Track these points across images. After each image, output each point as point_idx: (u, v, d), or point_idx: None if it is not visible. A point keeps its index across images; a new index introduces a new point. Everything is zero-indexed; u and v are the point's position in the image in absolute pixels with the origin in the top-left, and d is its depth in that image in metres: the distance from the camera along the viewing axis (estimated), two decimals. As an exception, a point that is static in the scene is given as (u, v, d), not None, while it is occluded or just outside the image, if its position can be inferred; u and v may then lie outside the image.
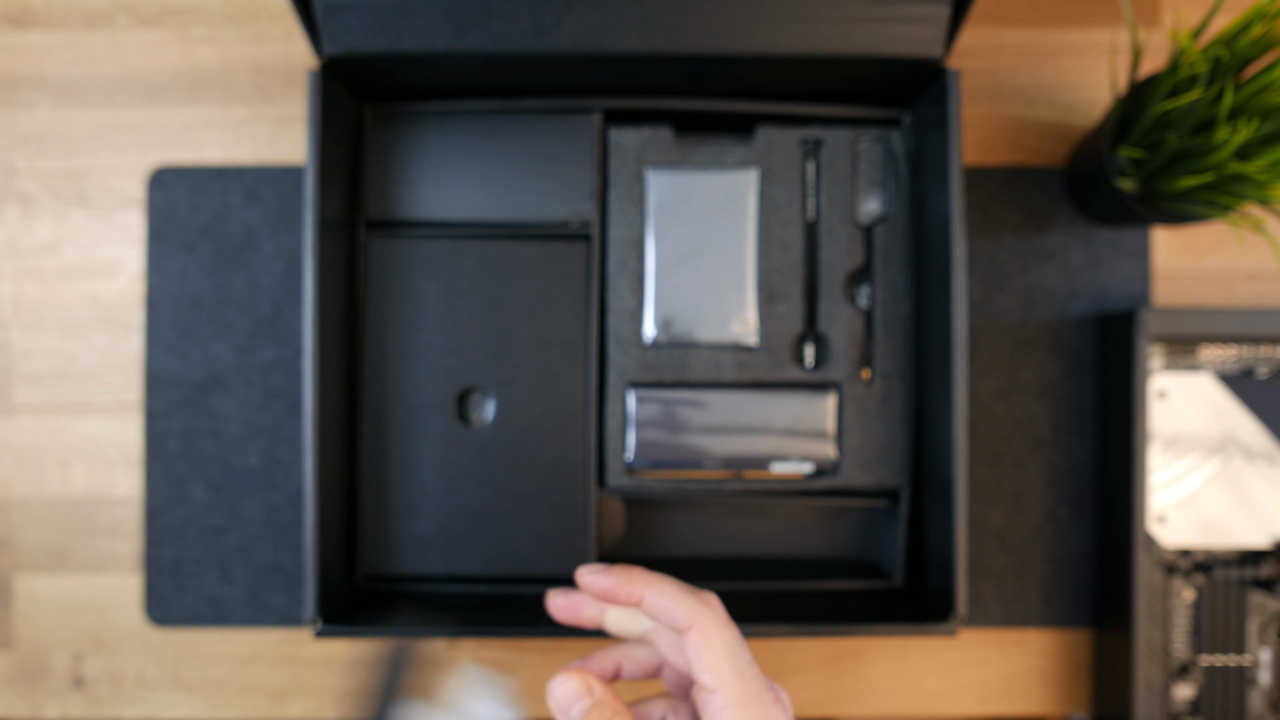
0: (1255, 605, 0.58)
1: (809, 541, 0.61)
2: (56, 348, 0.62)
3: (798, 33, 0.50)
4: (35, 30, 0.62)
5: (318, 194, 0.50)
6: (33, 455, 0.62)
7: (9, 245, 0.62)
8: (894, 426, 0.57)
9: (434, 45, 0.50)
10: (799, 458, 0.56)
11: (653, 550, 0.61)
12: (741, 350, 0.57)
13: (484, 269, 0.57)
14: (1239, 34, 0.49)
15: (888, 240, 0.57)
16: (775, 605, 0.55)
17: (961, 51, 0.62)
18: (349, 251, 0.56)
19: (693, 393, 0.56)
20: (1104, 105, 0.62)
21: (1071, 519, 0.61)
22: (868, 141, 0.57)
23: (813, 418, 0.56)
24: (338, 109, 0.53)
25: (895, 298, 0.57)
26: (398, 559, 0.56)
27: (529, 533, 0.56)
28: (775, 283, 0.57)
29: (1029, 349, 0.61)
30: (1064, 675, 0.62)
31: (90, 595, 0.62)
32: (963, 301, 0.50)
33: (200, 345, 0.61)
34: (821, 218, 0.57)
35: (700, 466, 0.56)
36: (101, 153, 0.62)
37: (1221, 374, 0.58)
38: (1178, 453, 0.58)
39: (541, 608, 0.51)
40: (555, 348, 0.57)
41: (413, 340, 0.56)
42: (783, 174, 0.57)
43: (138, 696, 0.62)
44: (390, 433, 0.56)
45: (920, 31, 0.50)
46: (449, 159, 0.57)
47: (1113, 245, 0.61)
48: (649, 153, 0.57)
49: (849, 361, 0.57)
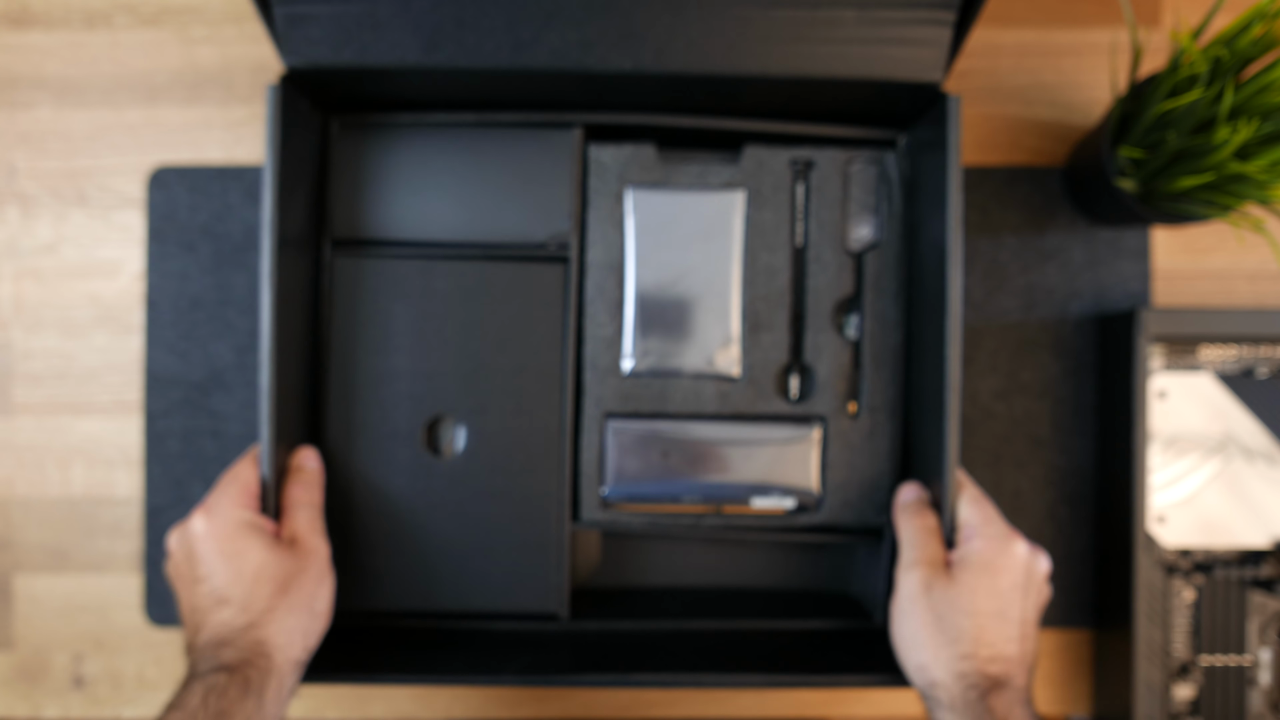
0: (1255, 605, 0.58)
1: (790, 574, 0.60)
2: (56, 348, 0.62)
3: (791, 53, 0.48)
4: (35, 30, 0.62)
5: (275, 211, 0.47)
6: (33, 455, 0.62)
7: (9, 245, 0.62)
8: (880, 463, 0.55)
9: (403, 59, 0.47)
10: (780, 493, 0.55)
11: (630, 580, 0.60)
12: (724, 381, 0.55)
13: (456, 291, 0.54)
14: (1239, 34, 0.49)
15: (879, 268, 0.55)
16: (752, 647, 0.54)
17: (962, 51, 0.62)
18: (313, 271, 0.53)
19: (672, 424, 0.54)
20: (1104, 105, 0.62)
21: (1071, 519, 0.61)
22: (860, 164, 0.55)
23: (796, 452, 0.54)
24: (301, 121, 0.50)
25: (885, 329, 0.55)
26: (365, 593, 0.54)
27: (501, 567, 0.54)
28: (760, 311, 0.55)
29: (1029, 349, 0.61)
30: (1064, 675, 0.62)
31: (90, 595, 0.62)
32: (957, 343, 0.48)
33: (200, 345, 0.61)
34: (810, 243, 0.55)
35: (679, 501, 0.55)
36: (101, 153, 0.62)
37: (1221, 374, 0.58)
38: (1178, 453, 0.58)
39: (512, 649, 0.50)
40: (530, 375, 0.54)
41: (381, 365, 0.54)
42: (771, 196, 0.55)
43: (138, 696, 0.62)
44: (356, 463, 0.54)
45: (920, 54, 0.48)
46: (421, 174, 0.55)
47: (1113, 245, 0.61)
48: (631, 171, 0.55)
49: (835, 394, 0.55)
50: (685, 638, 0.55)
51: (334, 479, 0.54)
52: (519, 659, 0.51)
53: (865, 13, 0.47)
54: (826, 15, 0.47)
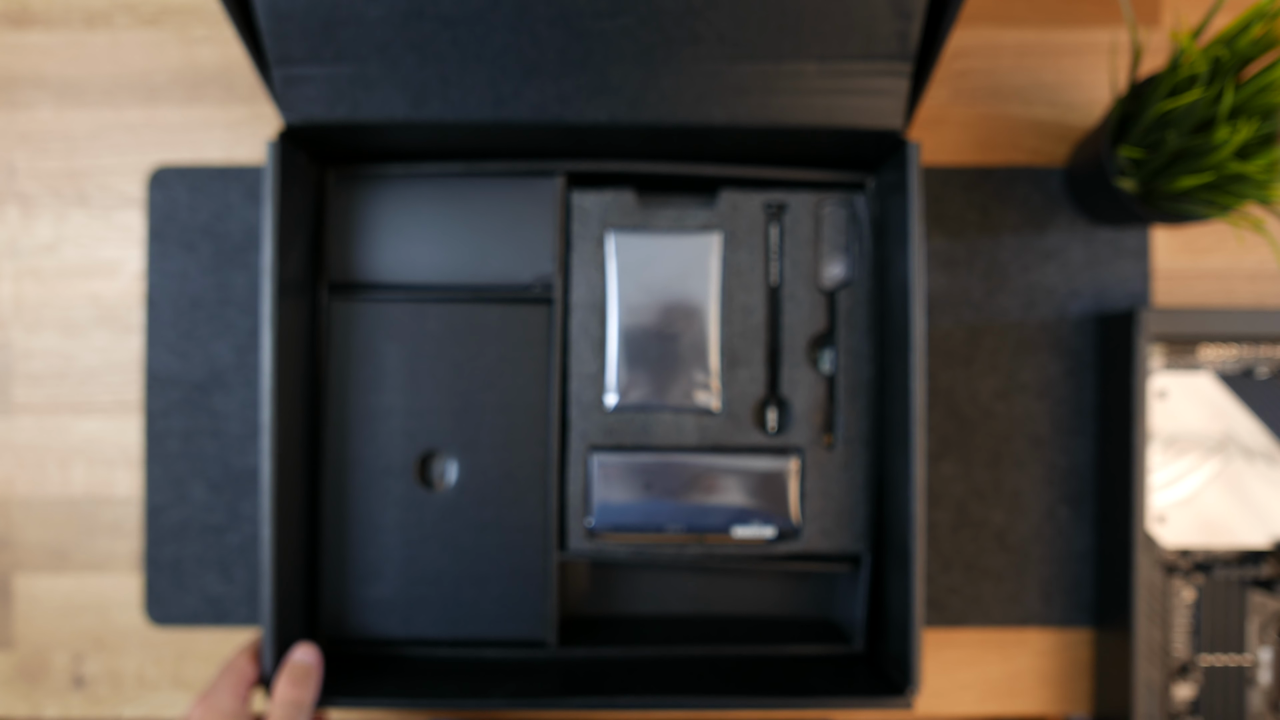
0: (1255, 605, 0.58)
1: (773, 601, 0.61)
2: (56, 348, 0.62)
3: (758, 104, 0.50)
4: (35, 30, 0.62)
5: (275, 259, 0.50)
6: (33, 455, 0.62)
7: (9, 245, 0.62)
8: (856, 492, 0.56)
9: (392, 115, 0.50)
10: (761, 522, 0.56)
11: (617, 609, 0.61)
12: (704, 415, 0.56)
13: (446, 332, 0.56)
14: (1239, 34, 0.49)
15: (851, 305, 0.56)
16: (737, 672, 0.55)
17: (961, 51, 0.62)
18: (311, 314, 0.56)
19: (654, 457, 0.56)
20: (1104, 105, 0.62)
21: (1071, 519, 0.61)
22: (831, 205, 0.57)
23: (775, 483, 0.56)
24: (299, 173, 0.53)
25: (858, 363, 0.56)
26: (359, 623, 0.56)
27: (491, 596, 0.56)
28: (738, 347, 0.56)
29: (1029, 349, 0.61)
30: (1064, 675, 0.62)
31: (90, 595, 0.62)
32: (921, 377, 0.50)
33: (200, 345, 0.61)
34: (785, 282, 0.57)
35: (662, 531, 0.56)
36: (101, 152, 0.62)
37: (1221, 374, 0.58)
38: (1178, 453, 0.58)
39: (501, 675, 0.51)
40: (518, 411, 0.56)
41: (375, 403, 0.56)
42: (745, 238, 0.56)
43: (138, 696, 0.62)
44: (352, 496, 0.56)
45: (880, 103, 0.50)
46: (412, 221, 0.57)
47: (1113, 245, 0.61)
48: (611, 215, 0.56)
49: (811, 426, 0.56)
50: (671, 664, 0.56)
51: (331, 512, 0.56)
52: (508, 684, 0.52)
53: (826, 65, 0.49)
54: (790, 68, 0.49)
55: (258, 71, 0.49)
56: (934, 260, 0.62)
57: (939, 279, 0.62)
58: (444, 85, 0.49)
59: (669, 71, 0.49)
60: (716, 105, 0.50)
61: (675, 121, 0.50)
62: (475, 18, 0.47)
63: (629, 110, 0.50)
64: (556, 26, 0.47)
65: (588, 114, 0.50)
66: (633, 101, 0.50)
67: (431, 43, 0.48)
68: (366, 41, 0.48)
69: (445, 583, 0.56)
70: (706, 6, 0.47)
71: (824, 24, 0.48)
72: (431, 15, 0.47)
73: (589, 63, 0.49)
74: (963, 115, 0.62)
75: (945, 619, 0.61)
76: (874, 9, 0.47)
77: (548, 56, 0.48)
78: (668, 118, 0.50)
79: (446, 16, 0.47)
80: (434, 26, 0.48)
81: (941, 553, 0.61)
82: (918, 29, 0.48)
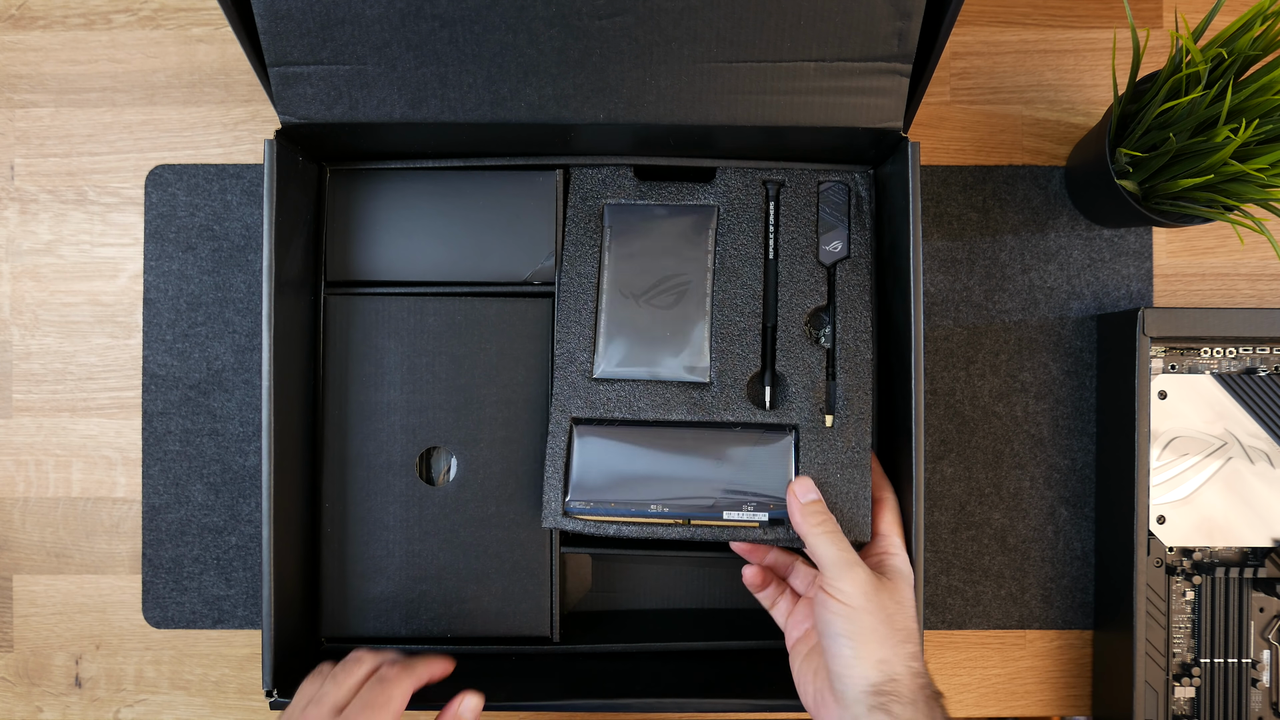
0: (1255, 605, 0.58)
1: None
2: (56, 348, 0.62)
3: (756, 103, 0.50)
4: (35, 30, 0.62)
5: (274, 257, 0.50)
6: (32, 455, 0.62)
7: (8, 245, 0.62)
8: (854, 474, 0.53)
9: (390, 115, 0.50)
10: (753, 505, 0.52)
11: (620, 603, 0.61)
12: (694, 387, 0.54)
13: (446, 327, 0.56)
14: (1239, 34, 0.49)
15: (850, 279, 0.55)
16: (738, 666, 0.55)
17: (961, 51, 0.62)
18: (310, 310, 0.56)
19: (642, 432, 0.53)
20: (1104, 105, 0.62)
21: (1071, 519, 0.61)
22: (831, 182, 0.56)
23: (769, 462, 0.53)
24: (297, 171, 0.53)
25: (858, 338, 0.54)
26: (360, 620, 0.56)
27: (492, 592, 0.56)
28: (733, 319, 0.54)
29: (1029, 349, 0.61)
30: (1064, 675, 0.61)
31: (90, 595, 0.61)
32: (919, 379, 0.49)
33: (199, 345, 0.61)
34: (783, 255, 0.55)
35: (646, 513, 0.52)
36: (101, 153, 0.62)
37: (1221, 374, 0.58)
38: (1178, 453, 0.58)
39: (502, 674, 0.51)
40: (518, 406, 0.56)
41: (375, 400, 0.56)
42: (743, 212, 0.55)
43: (137, 696, 0.62)
44: (352, 493, 0.56)
45: (880, 103, 0.50)
46: (410, 218, 0.57)
47: (1113, 245, 0.61)
48: (609, 191, 0.56)
49: (809, 403, 0.54)
50: (673, 658, 0.56)
51: (332, 510, 0.56)
52: (509, 684, 0.52)
53: (825, 65, 0.49)
54: (788, 68, 0.49)
55: (256, 71, 0.49)
56: (934, 260, 0.61)
57: (939, 279, 0.61)
58: (442, 85, 0.49)
59: (667, 71, 0.49)
60: (715, 105, 0.50)
61: (673, 121, 0.50)
62: (473, 17, 0.47)
63: (626, 110, 0.50)
64: (555, 26, 0.47)
65: (585, 114, 0.50)
66: (630, 102, 0.50)
67: (429, 42, 0.48)
68: (364, 41, 0.48)
69: (446, 579, 0.56)
70: (705, 6, 0.47)
71: (823, 24, 0.47)
72: (429, 15, 0.47)
73: (587, 62, 0.48)
74: (963, 115, 0.62)
75: (946, 621, 0.61)
76: (874, 9, 0.47)
77: (546, 56, 0.48)
78: (665, 118, 0.50)
79: (444, 16, 0.47)
80: (432, 26, 0.47)
81: (942, 554, 0.61)
82: (917, 29, 0.48)
